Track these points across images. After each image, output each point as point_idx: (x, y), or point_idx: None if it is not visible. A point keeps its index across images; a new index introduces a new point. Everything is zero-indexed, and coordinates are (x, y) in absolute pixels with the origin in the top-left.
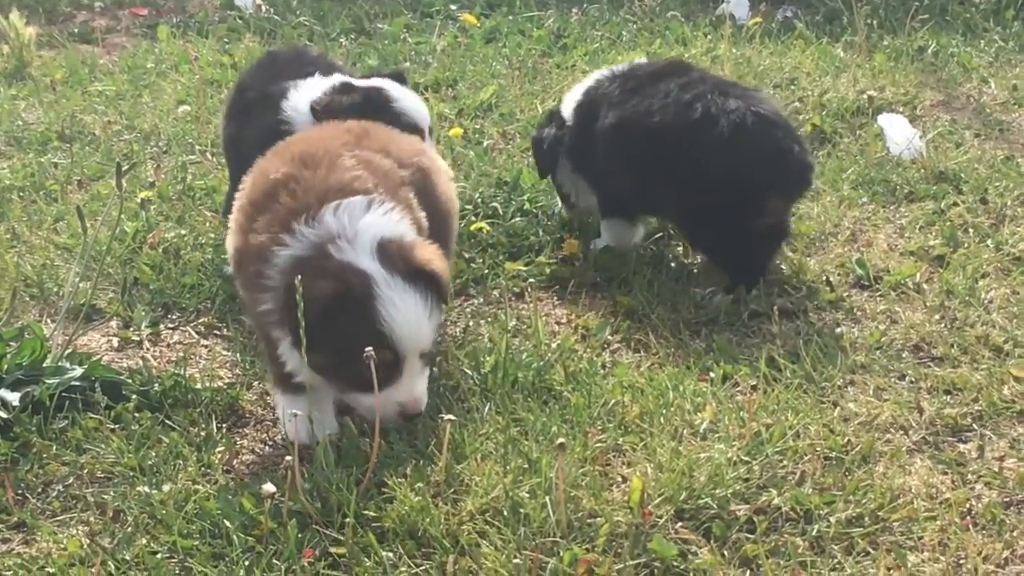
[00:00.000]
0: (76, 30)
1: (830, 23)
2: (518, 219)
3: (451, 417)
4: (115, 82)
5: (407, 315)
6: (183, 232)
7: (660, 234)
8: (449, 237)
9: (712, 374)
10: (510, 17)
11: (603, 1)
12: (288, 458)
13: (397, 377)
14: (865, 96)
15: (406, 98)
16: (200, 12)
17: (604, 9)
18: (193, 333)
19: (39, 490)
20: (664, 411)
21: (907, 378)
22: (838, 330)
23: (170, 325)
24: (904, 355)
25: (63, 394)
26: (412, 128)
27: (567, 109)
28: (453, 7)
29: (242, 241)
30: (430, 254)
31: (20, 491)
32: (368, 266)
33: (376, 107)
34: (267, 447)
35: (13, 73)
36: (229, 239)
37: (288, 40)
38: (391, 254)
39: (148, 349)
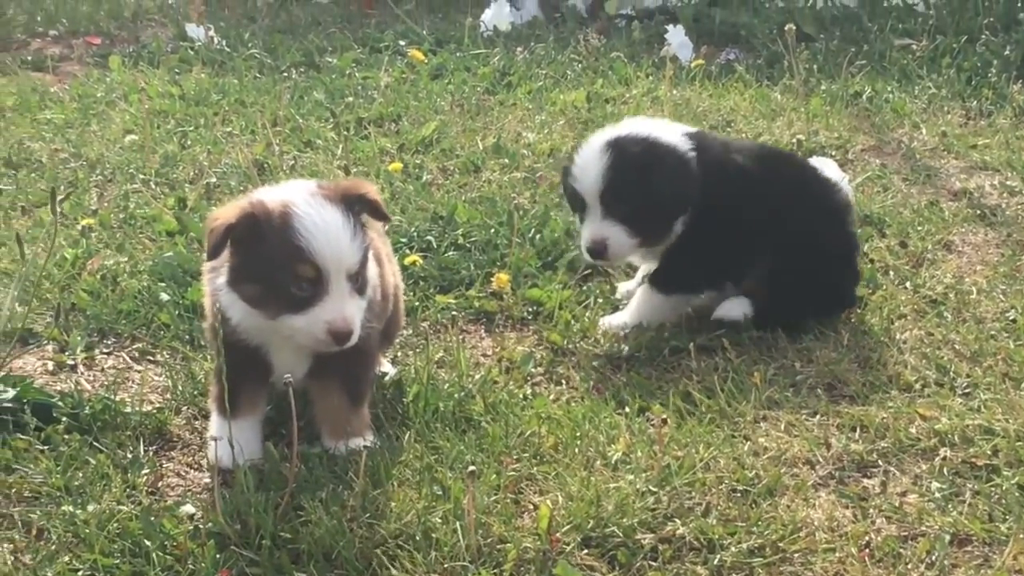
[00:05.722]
0: (29, 58)
1: (771, 67)
2: (451, 253)
3: (368, 444)
4: (64, 110)
5: (325, 229)
6: (122, 259)
7: (588, 271)
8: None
9: (628, 408)
10: (457, 54)
11: (549, 40)
12: (209, 479)
13: (324, 295)
14: (796, 139)
15: None
16: (153, 42)
17: (550, 48)
18: (127, 359)
19: None
20: (578, 442)
21: (818, 415)
22: (754, 367)
23: (105, 350)
24: (817, 392)
25: None
26: None
27: None
28: (402, 43)
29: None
30: (360, 182)
31: None
32: (286, 194)
33: None
34: (192, 470)
35: None
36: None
37: (238, 72)
38: (323, 186)
39: (82, 373)
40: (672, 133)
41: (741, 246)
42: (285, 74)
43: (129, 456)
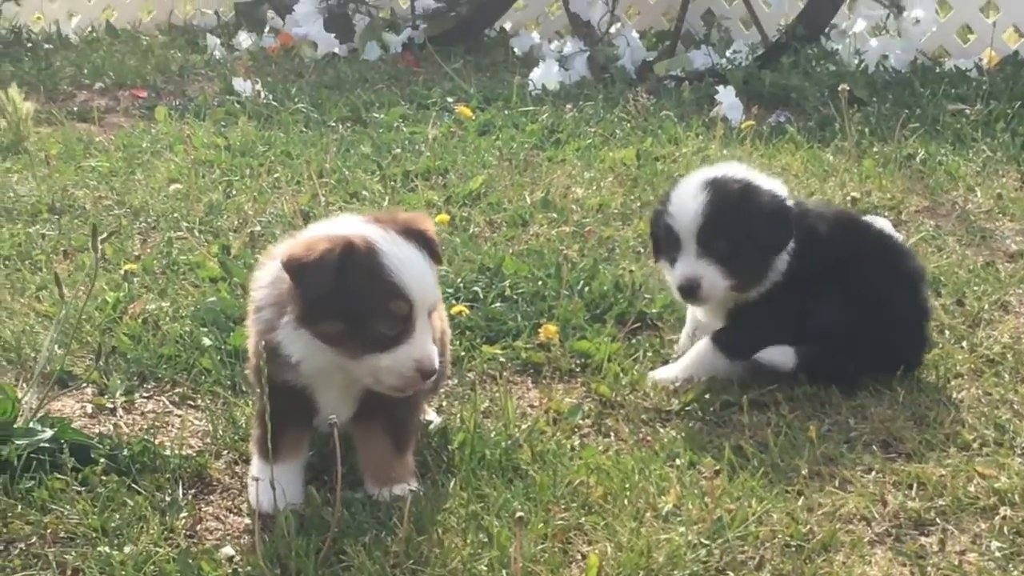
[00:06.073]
0: (75, 109)
1: (822, 129)
2: (498, 304)
3: (413, 489)
4: (109, 159)
5: (412, 265)
6: (164, 304)
7: (638, 324)
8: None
9: (679, 460)
10: (505, 112)
11: (598, 99)
12: (249, 522)
13: (410, 333)
14: (849, 198)
15: None
16: (200, 96)
17: (599, 107)
18: (167, 403)
19: (1, 548)
20: (628, 493)
21: (874, 471)
22: (808, 423)
23: (145, 394)
24: (872, 449)
25: (32, 455)
26: None
27: None
28: (450, 100)
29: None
30: (419, 217)
31: None
32: (361, 229)
33: None
34: (232, 514)
35: (9, 147)
36: None
37: (284, 125)
38: (380, 219)
39: (121, 416)
40: (769, 179)
41: (814, 311)
42: (332, 127)
43: (167, 498)
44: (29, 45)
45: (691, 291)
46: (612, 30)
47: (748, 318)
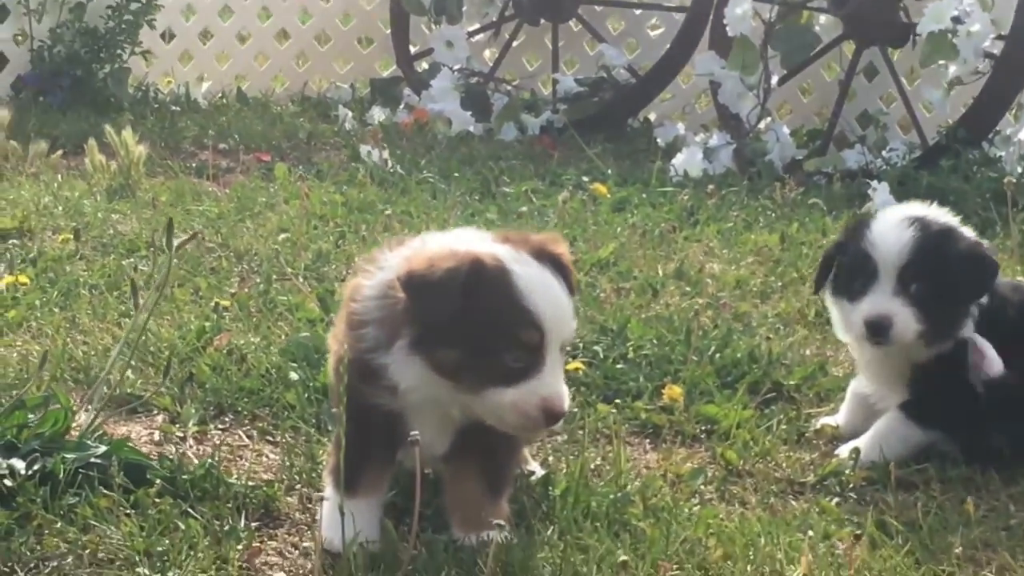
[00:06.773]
0: (194, 165)
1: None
2: (620, 365)
3: (505, 534)
4: (219, 207)
5: (547, 290)
6: (255, 340)
7: (772, 394)
8: None
9: (811, 531)
10: (643, 194)
11: (742, 185)
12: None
13: (540, 367)
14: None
15: None
16: (325, 163)
17: (743, 195)
18: (243, 436)
19: (32, 565)
20: (752, 558)
21: None
22: (962, 506)
23: (220, 426)
24: None
25: (80, 471)
26: None
27: None
28: (585, 179)
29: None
30: (553, 239)
31: (9, 564)
32: (489, 247)
33: None
34: (297, 552)
35: (118, 190)
36: None
37: (409, 192)
38: (510, 239)
39: (191, 446)
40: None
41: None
42: (461, 199)
43: (226, 527)
44: (156, 106)
45: (881, 330)
46: (761, 125)
47: (938, 383)
